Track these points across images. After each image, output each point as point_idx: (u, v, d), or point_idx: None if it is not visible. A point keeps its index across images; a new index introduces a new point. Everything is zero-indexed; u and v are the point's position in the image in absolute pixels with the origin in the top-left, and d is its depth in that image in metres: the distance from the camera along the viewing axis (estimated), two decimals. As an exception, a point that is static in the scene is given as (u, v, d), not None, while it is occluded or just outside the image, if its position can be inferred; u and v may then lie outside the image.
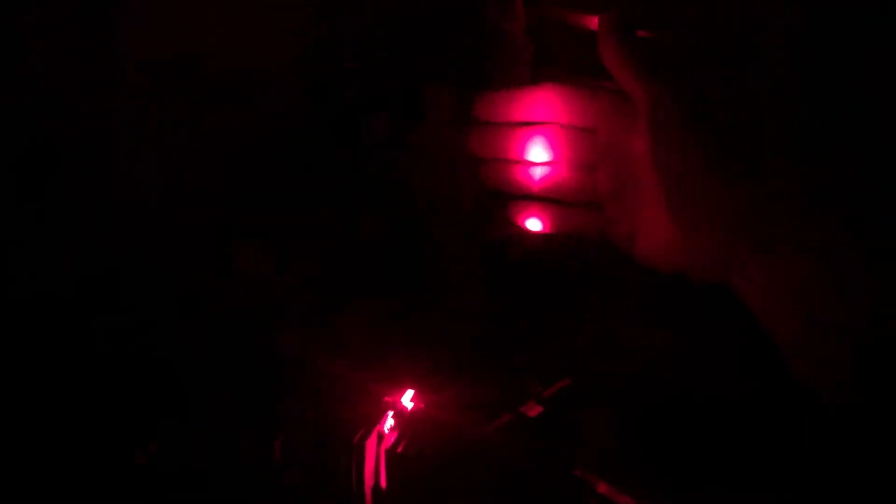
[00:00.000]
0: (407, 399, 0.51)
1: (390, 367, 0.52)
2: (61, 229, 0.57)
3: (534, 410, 0.51)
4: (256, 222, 0.60)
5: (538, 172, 0.51)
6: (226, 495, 0.52)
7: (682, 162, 0.44)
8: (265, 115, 0.60)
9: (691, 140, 0.44)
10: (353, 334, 0.57)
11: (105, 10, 0.57)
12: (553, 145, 0.50)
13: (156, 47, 0.58)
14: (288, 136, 0.60)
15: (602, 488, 0.47)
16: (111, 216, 0.58)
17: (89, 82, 0.57)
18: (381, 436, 0.49)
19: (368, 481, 0.49)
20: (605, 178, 0.49)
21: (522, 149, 0.51)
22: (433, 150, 0.57)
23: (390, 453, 0.49)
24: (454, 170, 0.57)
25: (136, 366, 0.56)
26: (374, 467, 0.49)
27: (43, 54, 0.56)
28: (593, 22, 0.48)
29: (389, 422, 0.50)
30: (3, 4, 0.55)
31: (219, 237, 0.59)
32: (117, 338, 0.57)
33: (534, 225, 0.51)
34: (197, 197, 0.59)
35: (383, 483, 0.49)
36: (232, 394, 0.54)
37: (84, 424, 0.53)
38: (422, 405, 0.51)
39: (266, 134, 0.60)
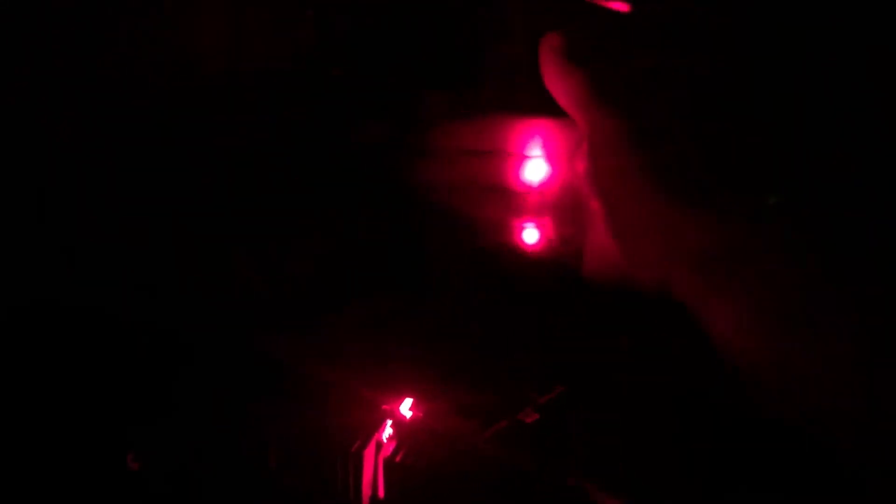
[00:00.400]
0: (406, 408, 0.50)
1: (388, 373, 0.52)
2: (61, 231, 0.57)
3: (531, 417, 0.51)
4: (254, 223, 0.60)
5: (489, 196, 0.53)
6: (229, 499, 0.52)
7: (621, 190, 0.44)
8: (264, 116, 0.60)
9: (630, 168, 0.43)
10: (350, 337, 0.57)
11: (106, 11, 0.57)
12: (503, 171, 0.52)
13: (156, 49, 0.58)
14: (287, 137, 0.60)
15: (600, 495, 0.47)
16: (111, 217, 0.58)
17: (90, 83, 0.57)
18: (379, 445, 0.49)
19: (366, 491, 0.48)
20: (553, 200, 0.51)
21: (473, 175, 0.53)
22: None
23: (389, 463, 0.49)
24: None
25: (133, 370, 0.56)
26: (372, 477, 0.49)
27: (44, 54, 0.56)
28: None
29: (388, 431, 0.49)
30: (4, 4, 0.55)
31: (217, 239, 0.59)
32: (114, 341, 0.57)
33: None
34: (195, 198, 0.59)
35: (381, 493, 0.49)
36: (228, 399, 0.54)
37: (78, 429, 0.53)
38: (420, 414, 0.50)
39: (265, 135, 0.60)
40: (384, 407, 0.50)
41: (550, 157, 0.51)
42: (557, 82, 0.47)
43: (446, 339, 0.58)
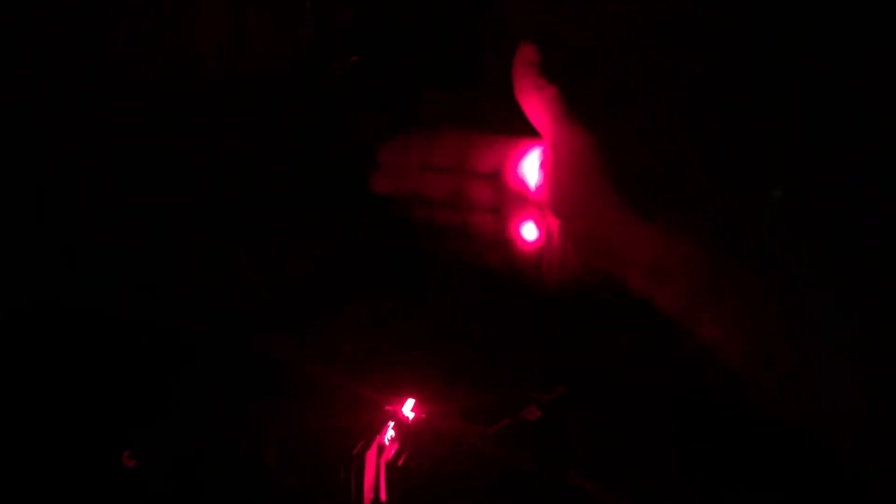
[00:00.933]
0: (408, 408, 0.50)
1: (389, 374, 0.52)
2: (61, 230, 0.57)
3: (534, 415, 0.51)
4: (254, 223, 0.60)
5: (443, 213, 0.53)
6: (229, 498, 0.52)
7: (585, 207, 0.44)
8: (264, 116, 0.60)
9: (595, 186, 0.43)
10: (351, 337, 0.57)
11: (106, 11, 0.57)
12: (459, 188, 0.52)
13: (156, 49, 0.58)
14: (287, 137, 0.60)
15: (600, 495, 0.47)
16: (111, 217, 0.58)
17: (90, 83, 0.57)
18: (381, 447, 0.49)
19: (368, 494, 0.48)
20: (511, 217, 0.50)
21: (427, 191, 0.53)
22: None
23: (391, 466, 0.48)
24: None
25: (132, 368, 0.56)
26: (374, 479, 0.48)
27: (44, 54, 0.56)
28: None
29: (390, 433, 0.49)
30: (4, 4, 0.55)
31: (217, 239, 0.59)
32: (114, 341, 0.57)
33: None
34: (195, 198, 0.59)
35: (383, 496, 0.48)
36: (228, 399, 0.54)
37: (79, 429, 0.53)
38: (423, 415, 0.50)
39: (265, 135, 0.60)
40: (387, 408, 0.50)
41: (520, 173, 0.51)
42: (529, 97, 0.47)
43: (446, 339, 0.58)
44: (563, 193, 0.46)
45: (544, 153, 0.48)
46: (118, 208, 0.58)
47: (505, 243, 0.51)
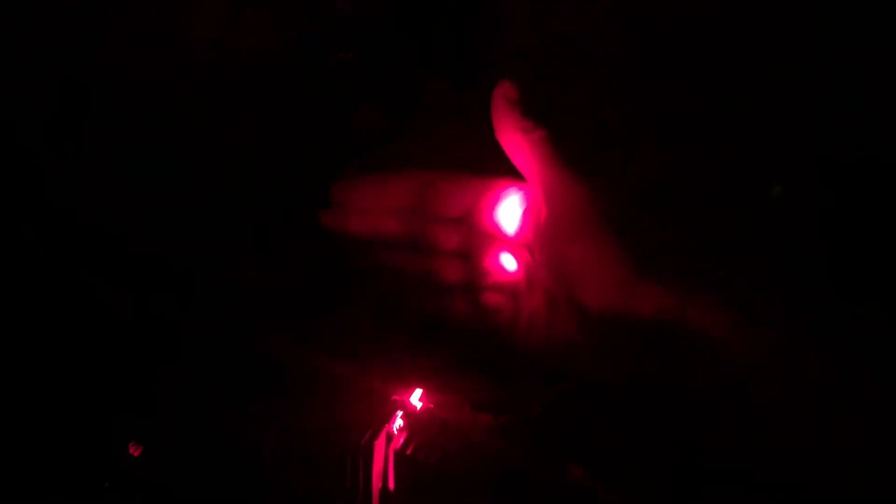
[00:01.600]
0: (415, 398, 0.50)
1: (396, 366, 0.52)
2: (61, 230, 0.57)
3: (535, 412, 0.51)
4: (255, 223, 0.60)
5: (405, 257, 0.49)
6: (229, 498, 0.52)
7: (575, 255, 0.41)
8: (264, 116, 0.60)
9: (587, 234, 0.41)
10: (357, 332, 0.57)
11: (106, 11, 0.57)
12: (422, 233, 0.47)
13: (156, 48, 0.58)
14: (286, 137, 0.60)
15: (600, 494, 0.47)
16: (111, 217, 0.58)
17: (91, 82, 0.58)
18: (389, 436, 0.49)
19: (376, 483, 0.48)
20: (481, 262, 0.47)
21: (388, 233, 0.49)
22: (430, 142, 0.57)
23: (399, 455, 0.48)
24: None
25: (129, 366, 0.56)
26: (382, 468, 0.48)
27: (44, 54, 0.56)
28: None
29: (398, 422, 0.49)
30: (4, 4, 0.55)
31: (217, 239, 0.59)
32: (113, 340, 0.57)
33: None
34: (196, 198, 0.59)
35: (391, 485, 0.49)
36: (228, 398, 0.54)
37: (76, 425, 0.54)
38: (430, 405, 0.50)
39: (265, 135, 0.60)
40: (394, 398, 0.50)
41: (496, 218, 0.46)
42: (513, 139, 0.43)
43: (450, 335, 0.58)
44: (558, 241, 0.42)
45: (528, 198, 0.45)
46: (118, 208, 0.58)
47: (473, 291, 0.47)
